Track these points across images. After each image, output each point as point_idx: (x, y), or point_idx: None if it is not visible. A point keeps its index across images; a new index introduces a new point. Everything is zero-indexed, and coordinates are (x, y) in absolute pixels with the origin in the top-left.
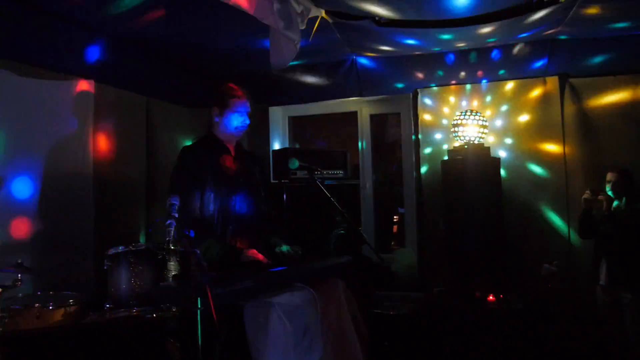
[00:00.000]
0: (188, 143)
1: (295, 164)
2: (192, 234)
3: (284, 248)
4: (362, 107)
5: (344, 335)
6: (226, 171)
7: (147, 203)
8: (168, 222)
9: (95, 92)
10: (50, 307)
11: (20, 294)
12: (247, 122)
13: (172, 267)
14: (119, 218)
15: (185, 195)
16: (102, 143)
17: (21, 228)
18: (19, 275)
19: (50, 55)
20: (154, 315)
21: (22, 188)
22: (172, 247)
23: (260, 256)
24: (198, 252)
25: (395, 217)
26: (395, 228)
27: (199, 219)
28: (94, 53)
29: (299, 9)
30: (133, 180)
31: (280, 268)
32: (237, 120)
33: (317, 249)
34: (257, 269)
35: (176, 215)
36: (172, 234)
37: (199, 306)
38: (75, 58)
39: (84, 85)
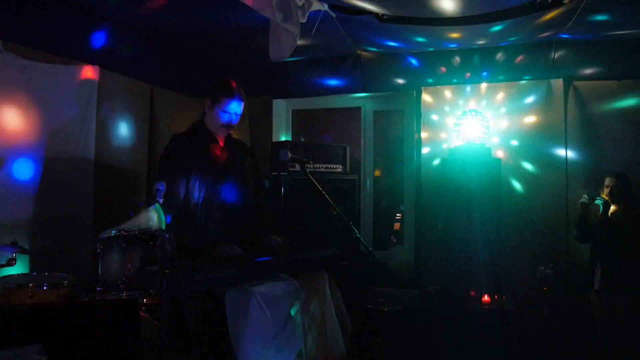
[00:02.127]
0: None
1: (286, 155)
2: (168, 218)
3: (271, 240)
4: (365, 102)
5: (326, 328)
6: (213, 160)
7: (147, 190)
8: (152, 206)
9: (100, 78)
10: (45, 288)
11: (16, 274)
12: (234, 122)
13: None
14: (118, 203)
15: (170, 182)
16: (105, 128)
17: (20, 209)
18: (14, 254)
19: (56, 39)
20: (144, 299)
21: (23, 169)
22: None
23: (237, 250)
24: (167, 235)
25: (398, 214)
26: (397, 225)
27: (183, 205)
28: (99, 39)
29: (299, 1)
30: (134, 166)
31: (264, 258)
32: (223, 118)
33: (314, 241)
34: (239, 258)
35: (160, 200)
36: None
37: (164, 289)
38: (81, 43)
39: (88, 70)
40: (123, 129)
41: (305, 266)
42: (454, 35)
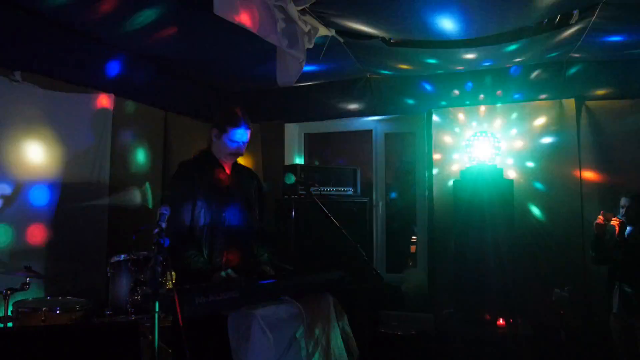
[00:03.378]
0: None
1: (291, 179)
2: (166, 242)
3: (265, 269)
4: (376, 125)
5: (331, 352)
6: (219, 186)
7: None
8: (155, 231)
9: (115, 105)
10: (57, 312)
11: (31, 298)
12: (242, 150)
13: (169, 276)
14: (132, 229)
15: (175, 207)
16: (120, 155)
17: (36, 234)
18: (28, 279)
19: (72, 69)
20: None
21: (39, 196)
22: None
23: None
24: (160, 257)
25: (413, 237)
26: (413, 248)
27: (188, 231)
28: (113, 68)
29: (306, 28)
30: (149, 192)
31: (267, 281)
32: (232, 147)
33: (324, 264)
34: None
35: (163, 224)
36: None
37: (157, 310)
38: (96, 72)
39: (103, 98)
40: (137, 155)
41: (309, 289)
42: (464, 56)
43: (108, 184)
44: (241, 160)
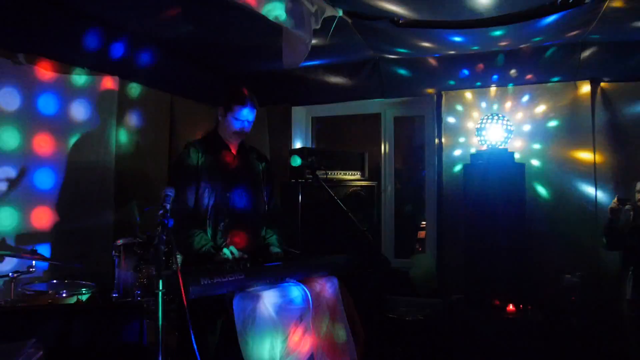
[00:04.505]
0: None
1: (297, 161)
2: (170, 222)
3: (273, 250)
4: (385, 108)
5: (336, 334)
6: (224, 167)
7: None
8: (160, 212)
9: (120, 88)
10: (64, 295)
11: (37, 282)
12: (247, 130)
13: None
14: (138, 211)
15: (180, 188)
16: (125, 138)
17: (42, 218)
18: (34, 262)
19: (76, 51)
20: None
21: (44, 179)
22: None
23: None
24: (163, 236)
25: (423, 222)
26: (422, 233)
27: (193, 212)
28: (118, 50)
29: (312, 8)
30: (155, 174)
31: (272, 263)
32: (236, 126)
33: (331, 249)
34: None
35: (168, 205)
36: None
37: (160, 289)
38: (100, 54)
39: (108, 81)
40: (143, 138)
41: (315, 272)
42: (462, 39)
43: (114, 167)
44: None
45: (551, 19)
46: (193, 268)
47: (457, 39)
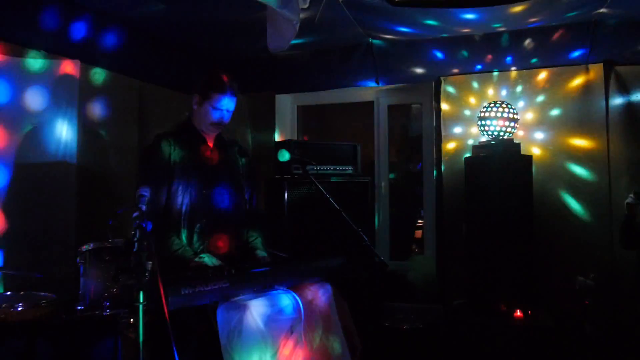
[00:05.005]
0: None
1: (285, 156)
2: (149, 226)
3: (259, 254)
4: (379, 96)
5: (331, 347)
6: (201, 162)
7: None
8: (135, 214)
9: (81, 74)
10: (20, 309)
11: None
12: (226, 120)
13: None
14: (105, 212)
15: (153, 186)
16: (88, 130)
17: None
18: None
19: (31, 32)
20: (130, 318)
21: None
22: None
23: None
24: (145, 243)
25: (419, 221)
26: (419, 233)
27: (164, 212)
28: (79, 30)
29: None
30: (123, 170)
31: (260, 269)
32: (214, 116)
33: (322, 251)
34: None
35: (144, 207)
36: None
37: (141, 301)
38: (58, 35)
39: (67, 65)
40: (109, 130)
41: (307, 278)
42: (475, 17)
43: (76, 162)
44: None
45: None
46: (171, 276)
47: (470, 16)
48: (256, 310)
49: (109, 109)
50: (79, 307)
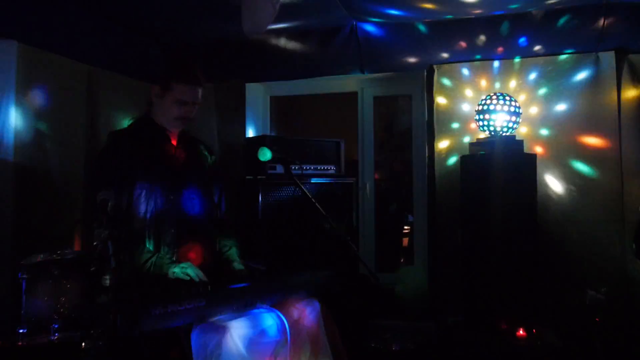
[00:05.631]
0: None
1: (266, 155)
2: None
3: (236, 266)
4: (364, 86)
5: None
6: (165, 163)
7: (85, 200)
8: (96, 224)
9: (18, 56)
10: None
11: None
12: (191, 114)
13: (108, 282)
14: (48, 218)
15: (115, 191)
16: (27, 122)
17: None
18: None
19: None
20: (81, 343)
21: None
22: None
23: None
24: (119, 256)
25: (405, 227)
26: (405, 241)
27: (125, 221)
28: (16, 6)
29: None
30: (68, 169)
31: (239, 285)
32: (176, 110)
33: (300, 262)
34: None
35: (107, 214)
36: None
37: (118, 327)
38: None
39: (2, 46)
40: (52, 122)
41: (292, 294)
42: None
43: (12, 159)
44: None
45: None
46: (138, 293)
47: None
48: (236, 332)
49: (52, 98)
50: (21, 331)
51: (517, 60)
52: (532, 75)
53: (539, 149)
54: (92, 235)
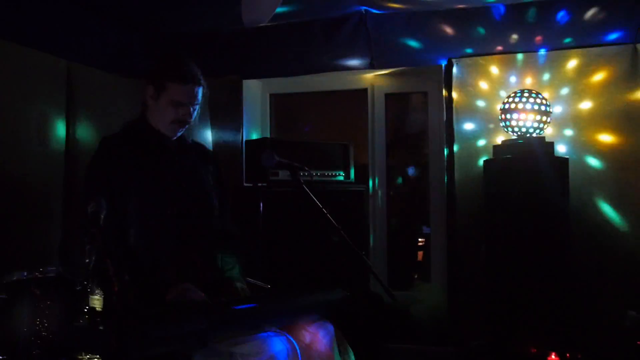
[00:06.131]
0: None
1: (271, 159)
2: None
3: (239, 286)
4: (374, 82)
5: None
6: (162, 172)
7: (64, 212)
8: (86, 238)
9: None
10: None
11: None
12: (190, 117)
13: (96, 302)
14: (22, 233)
15: (107, 203)
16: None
17: None
18: None
19: None
20: None
21: None
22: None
23: (198, 295)
24: (121, 274)
25: (420, 239)
26: (420, 255)
27: (116, 237)
28: None
29: None
30: (44, 179)
31: (245, 306)
32: (172, 113)
33: (306, 279)
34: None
35: (97, 227)
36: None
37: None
38: None
39: None
40: (25, 125)
41: (303, 315)
42: None
43: None
44: None
45: None
46: (133, 315)
47: None
48: (242, 358)
49: (25, 97)
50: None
51: (543, 52)
52: (564, 70)
53: (572, 154)
54: (82, 251)
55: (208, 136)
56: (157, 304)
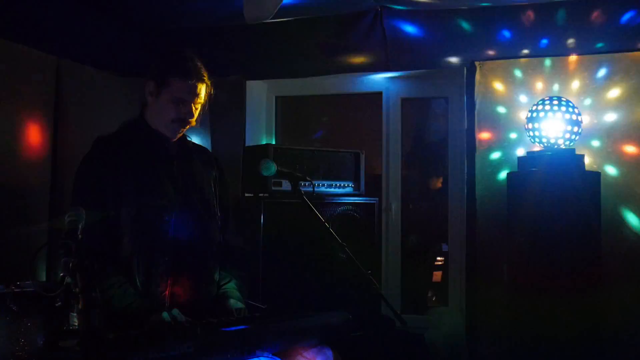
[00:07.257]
0: None
1: (271, 169)
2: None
3: (233, 304)
4: (389, 86)
5: None
6: (160, 176)
7: (50, 217)
8: (63, 250)
9: None
10: None
11: None
12: (191, 116)
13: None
14: (5, 240)
15: (93, 210)
16: None
17: None
18: None
19: None
20: None
21: None
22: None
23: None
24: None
25: (439, 258)
26: (438, 275)
27: (108, 247)
28: None
29: None
30: (31, 183)
31: (235, 327)
32: (173, 111)
33: (309, 299)
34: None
35: (77, 237)
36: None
37: None
38: None
39: None
40: (11, 125)
41: (300, 340)
42: None
43: None
44: None
45: None
46: (116, 338)
47: None
48: None
49: (11, 95)
50: None
51: (575, 56)
52: (596, 76)
53: (604, 167)
54: (59, 264)
55: (207, 140)
56: (137, 324)
